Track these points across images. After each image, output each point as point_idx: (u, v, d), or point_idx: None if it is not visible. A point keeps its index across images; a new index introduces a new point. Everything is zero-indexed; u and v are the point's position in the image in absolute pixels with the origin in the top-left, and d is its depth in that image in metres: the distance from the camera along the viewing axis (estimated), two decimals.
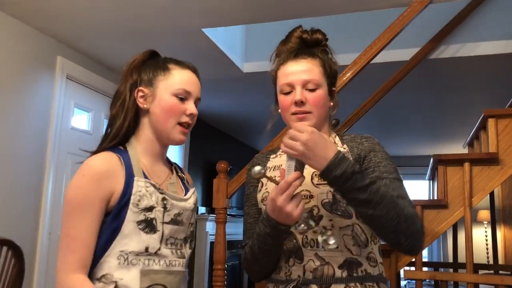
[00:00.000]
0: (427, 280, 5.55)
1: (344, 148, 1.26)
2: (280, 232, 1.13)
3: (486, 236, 5.97)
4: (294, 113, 1.24)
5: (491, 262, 5.57)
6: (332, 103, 1.30)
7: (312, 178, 1.22)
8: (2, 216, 2.69)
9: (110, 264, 1.11)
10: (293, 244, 1.19)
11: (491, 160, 2.45)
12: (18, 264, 1.81)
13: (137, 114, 1.23)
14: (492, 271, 3.47)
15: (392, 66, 3.34)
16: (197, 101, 1.26)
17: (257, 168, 1.11)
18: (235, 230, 5.80)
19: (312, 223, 1.12)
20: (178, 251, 1.19)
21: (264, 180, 1.29)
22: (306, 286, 1.17)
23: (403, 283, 6.61)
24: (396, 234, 1.08)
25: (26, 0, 2.63)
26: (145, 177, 1.17)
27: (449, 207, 2.51)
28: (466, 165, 2.46)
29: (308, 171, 1.20)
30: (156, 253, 1.14)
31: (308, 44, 1.30)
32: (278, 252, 1.21)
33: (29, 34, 2.94)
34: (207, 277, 5.19)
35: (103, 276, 1.10)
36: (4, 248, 1.85)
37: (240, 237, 5.85)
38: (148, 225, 1.13)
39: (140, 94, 1.22)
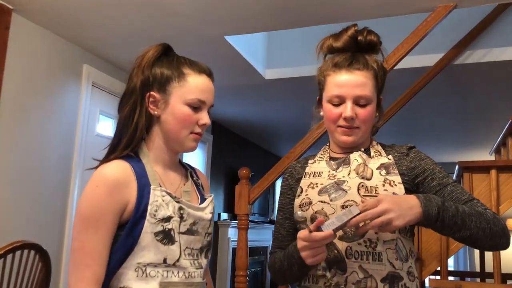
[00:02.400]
0: None
1: (390, 159, 1.24)
2: (305, 265, 1.14)
3: None
4: (340, 126, 1.22)
5: None
6: (377, 113, 1.27)
7: (358, 189, 1.18)
8: (30, 221, 2.75)
9: (128, 276, 1.07)
10: (335, 255, 1.16)
11: None
12: (45, 268, 1.84)
13: (149, 119, 1.16)
14: None
15: (416, 72, 3.30)
16: (210, 108, 1.19)
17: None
18: (257, 236, 5.80)
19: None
20: (196, 262, 1.14)
21: (304, 186, 1.28)
22: None
23: None
24: (493, 239, 1.11)
25: (54, 10, 2.70)
26: (160, 186, 1.12)
27: None
28: (493, 172, 2.41)
29: (353, 181, 1.19)
30: (174, 265, 1.09)
31: (361, 47, 1.25)
32: (304, 275, 1.21)
33: (56, 43, 3.02)
34: (229, 283, 5.19)
35: None
36: (32, 252, 1.89)
37: (263, 244, 5.91)
38: (166, 236, 1.08)
39: (151, 99, 1.14)
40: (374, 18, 2.74)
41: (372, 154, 1.26)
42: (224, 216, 5.42)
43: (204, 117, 1.16)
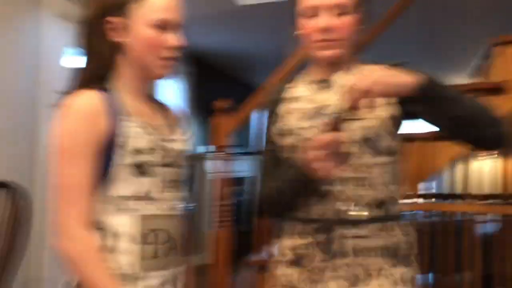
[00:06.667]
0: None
1: None
2: (311, 183, 1.08)
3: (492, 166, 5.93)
4: (317, 41, 1.12)
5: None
6: (360, 27, 1.17)
7: None
8: None
9: (105, 209, 1.03)
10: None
11: (496, 89, 2.37)
12: (14, 205, 1.77)
13: (113, 47, 1.06)
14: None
15: None
16: (179, 27, 1.09)
17: None
18: (235, 168, 5.83)
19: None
20: (176, 194, 1.12)
21: (282, 112, 1.20)
22: (340, 226, 1.11)
23: None
24: (496, 123, 1.03)
25: None
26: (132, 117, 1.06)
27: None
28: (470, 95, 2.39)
29: (335, 104, 1.11)
30: (155, 198, 1.06)
31: None
32: (310, 196, 1.15)
33: None
34: (209, 215, 5.28)
35: (98, 222, 1.03)
36: None
37: (241, 174, 5.88)
38: (139, 168, 1.04)
39: (111, 26, 1.04)
40: None
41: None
42: (203, 149, 5.41)
43: (172, 38, 1.06)
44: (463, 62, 5.39)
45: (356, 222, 1.11)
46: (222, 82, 6.12)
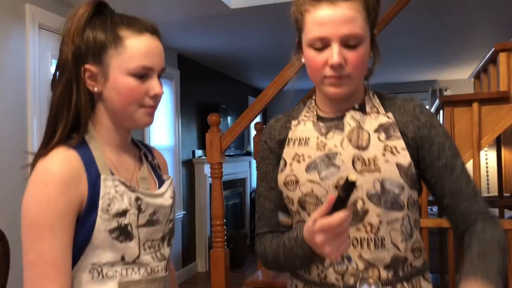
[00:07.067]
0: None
1: (389, 117, 1.02)
2: (313, 260, 0.97)
3: (487, 162, 5.88)
4: (327, 77, 0.98)
5: (491, 190, 5.55)
6: (372, 54, 1.03)
7: (354, 163, 0.98)
8: None
9: (81, 279, 0.94)
10: None
11: (502, 99, 2.27)
12: (1, 247, 1.70)
13: (91, 95, 0.98)
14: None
15: None
16: (161, 73, 1.00)
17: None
18: (235, 169, 5.77)
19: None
20: (158, 254, 1.02)
21: (287, 158, 1.07)
22: None
23: None
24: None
25: None
26: (112, 174, 0.97)
27: None
28: (475, 105, 2.29)
29: (347, 153, 1.00)
30: (134, 262, 0.97)
31: None
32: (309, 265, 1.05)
33: None
34: (209, 220, 5.20)
35: None
36: None
37: (240, 176, 5.82)
38: (123, 233, 0.94)
39: (88, 74, 0.96)
40: None
41: (368, 110, 1.04)
42: (199, 153, 5.31)
43: (154, 86, 0.98)
44: (468, 62, 5.27)
45: None
46: (218, 82, 6.00)
